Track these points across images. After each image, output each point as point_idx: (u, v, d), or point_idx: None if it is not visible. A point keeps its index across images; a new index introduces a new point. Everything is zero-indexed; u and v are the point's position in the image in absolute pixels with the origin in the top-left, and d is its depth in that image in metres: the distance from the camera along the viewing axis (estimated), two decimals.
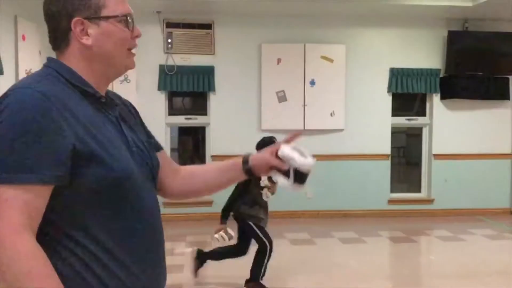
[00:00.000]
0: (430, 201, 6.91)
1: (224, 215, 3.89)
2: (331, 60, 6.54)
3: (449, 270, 4.57)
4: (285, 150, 1.32)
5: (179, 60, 6.39)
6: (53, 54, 1.21)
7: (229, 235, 3.79)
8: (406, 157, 8.15)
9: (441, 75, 6.78)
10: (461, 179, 6.89)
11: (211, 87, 6.47)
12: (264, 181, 3.78)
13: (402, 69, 6.70)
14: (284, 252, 5.16)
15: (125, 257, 1.12)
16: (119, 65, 1.21)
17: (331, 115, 6.63)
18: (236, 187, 3.82)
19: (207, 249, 4.10)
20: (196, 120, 6.66)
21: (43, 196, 1.03)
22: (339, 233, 5.90)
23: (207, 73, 6.45)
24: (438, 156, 6.90)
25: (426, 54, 6.78)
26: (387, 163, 6.87)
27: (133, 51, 1.23)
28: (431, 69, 6.75)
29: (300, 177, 1.32)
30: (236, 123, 6.53)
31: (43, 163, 1.01)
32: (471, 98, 6.74)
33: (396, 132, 7.06)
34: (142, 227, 1.16)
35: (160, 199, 1.31)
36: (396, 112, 6.89)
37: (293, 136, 1.38)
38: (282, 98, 6.54)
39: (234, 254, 3.98)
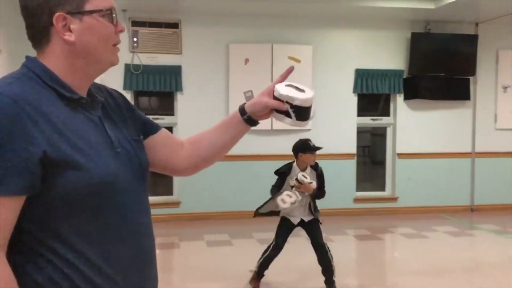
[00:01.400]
0: (394, 199, 7.06)
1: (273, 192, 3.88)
2: (299, 61, 6.59)
3: (412, 266, 4.68)
4: (281, 89, 1.26)
5: (145, 59, 6.30)
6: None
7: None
8: (371, 156, 8.31)
9: (404, 76, 6.94)
10: (423, 178, 7.07)
11: (178, 87, 6.42)
12: (292, 180, 3.80)
13: (367, 70, 6.83)
14: (252, 252, 5.17)
15: (107, 266, 1.07)
16: (103, 62, 1.15)
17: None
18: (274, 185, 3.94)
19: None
20: (163, 120, 6.58)
21: (12, 207, 0.98)
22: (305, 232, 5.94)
23: (174, 72, 6.40)
24: (401, 155, 7.06)
25: (390, 55, 6.92)
26: (353, 162, 6.98)
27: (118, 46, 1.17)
28: (395, 70, 6.90)
29: (302, 112, 1.27)
30: (203, 123, 6.38)
31: (11, 174, 0.95)
32: (433, 99, 6.92)
33: (361, 131, 7.19)
34: (126, 233, 1.11)
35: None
36: (361, 112, 7.01)
37: (285, 73, 1.33)
38: (250, 98, 6.51)
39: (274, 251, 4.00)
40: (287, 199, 3.63)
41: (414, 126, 7.04)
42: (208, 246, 5.41)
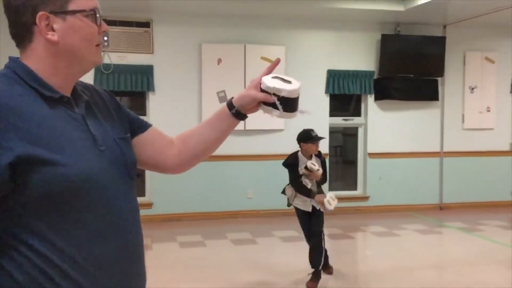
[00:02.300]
0: (365, 198, 7.16)
1: (308, 193, 4.03)
2: (271, 61, 6.57)
3: (384, 264, 4.75)
4: (267, 81, 1.26)
5: (116, 58, 6.21)
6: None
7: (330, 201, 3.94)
8: (343, 156, 8.41)
9: (375, 77, 7.04)
10: (394, 177, 7.19)
11: (150, 86, 6.35)
12: (301, 169, 3.99)
13: (338, 70, 6.90)
14: (226, 252, 5.17)
15: (87, 263, 1.06)
16: (86, 61, 1.15)
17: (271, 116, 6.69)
18: (291, 178, 4.14)
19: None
20: None
21: None
22: (279, 232, 5.98)
23: (146, 72, 6.32)
24: (372, 155, 7.17)
25: (361, 57, 7.02)
26: (325, 162, 7.04)
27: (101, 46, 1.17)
28: (365, 71, 7.00)
29: (290, 104, 1.27)
30: (176, 123, 6.40)
31: None
32: (403, 99, 7.05)
33: (333, 131, 7.27)
34: (109, 230, 1.11)
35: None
36: (333, 112, 7.08)
37: (272, 65, 1.33)
38: (223, 98, 6.53)
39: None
40: (332, 202, 3.91)
41: (385, 126, 7.15)
42: (180, 248, 5.36)
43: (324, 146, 7.20)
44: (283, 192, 4.28)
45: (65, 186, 1.02)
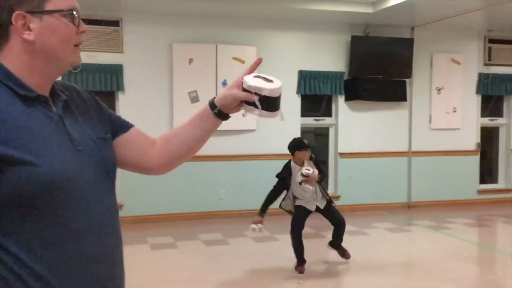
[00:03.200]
0: (336, 197, 7.23)
1: (262, 210, 4.42)
2: (243, 61, 6.61)
3: (354, 262, 4.81)
4: (249, 80, 1.26)
5: (84, 57, 6.04)
6: None
7: (262, 229, 4.34)
8: (315, 156, 8.45)
9: (345, 78, 7.13)
10: (364, 176, 7.30)
11: (119, 86, 6.26)
12: (298, 178, 4.28)
13: (310, 71, 6.96)
14: (197, 253, 5.13)
15: (62, 265, 1.05)
16: (63, 62, 1.14)
17: (243, 115, 6.60)
18: (273, 189, 4.48)
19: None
20: None
21: None
22: (252, 232, 5.97)
23: (115, 72, 6.23)
24: (343, 155, 7.25)
25: (331, 58, 7.09)
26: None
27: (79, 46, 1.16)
28: (336, 72, 7.07)
29: (272, 103, 1.27)
30: (146, 124, 6.24)
31: None
32: (372, 100, 7.16)
33: (305, 132, 7.31)
34: (85, 232, 1.09)
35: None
36: (305, 112, 7.13)
37: (254, 65, 1.32)
38: (194, 98, 6.50)
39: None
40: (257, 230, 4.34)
41: (355, 126, 7.25)
42: (152, 249, 5.30)
43: None
44: (280, 207, 4.59)
45: (39, 187, 1.01)
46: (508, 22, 7.06)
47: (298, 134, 7.05)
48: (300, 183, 4.28)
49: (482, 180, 8.04)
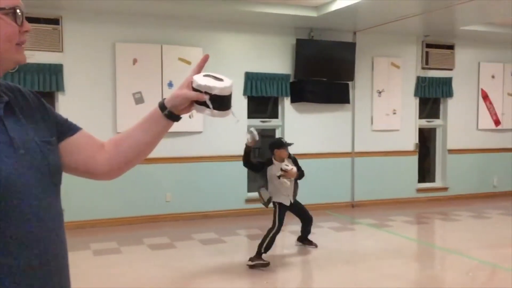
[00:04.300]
0: None
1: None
2: (189, 62, 6.55)
3: (300, 260, 4.88)
4: (199, 80, 1.23)
5: None
6: None
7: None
8: (261, 157, 8.49)
9: (291, 80, 7.23)
10: (309, 177, 7.37)
11: (59, 86, 6.03)
12: (278, 172, 4.68)
13: (256, 73, 7.00)
14: (143, 258, 5.02)
15: (3, 276, 0.99)
16: (6, 60, 1.08)
17: (189, 117, 6.60)
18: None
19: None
20: None
21: None
22: (199, 234, 5.93)
23: (55, 71, 5.99)
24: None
25: (277, 60, 7.17)
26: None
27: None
28: (282, 74, 7.16)
29: (223, 102, 1.24)
30: (88, 125, 5.99)
31: None
32: (317, 102, 7.31)
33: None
34: (25, 240, 1.03)
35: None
36: (251, 114, 7.16)
37: (201, 63, 1.29)
38: (139, 99, 6.37)
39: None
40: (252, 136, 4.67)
41: (300, 128, 7.36)
42: (94, 255, 5.14)
43: (242, 148, 7.27)
44: (259, 193, 4.92)
45: None
46: (444, 28, 7.43)
47: (244, 136, 7.07)
48: (279, 177, 4.70)
49: (421, 179, 8.41)
